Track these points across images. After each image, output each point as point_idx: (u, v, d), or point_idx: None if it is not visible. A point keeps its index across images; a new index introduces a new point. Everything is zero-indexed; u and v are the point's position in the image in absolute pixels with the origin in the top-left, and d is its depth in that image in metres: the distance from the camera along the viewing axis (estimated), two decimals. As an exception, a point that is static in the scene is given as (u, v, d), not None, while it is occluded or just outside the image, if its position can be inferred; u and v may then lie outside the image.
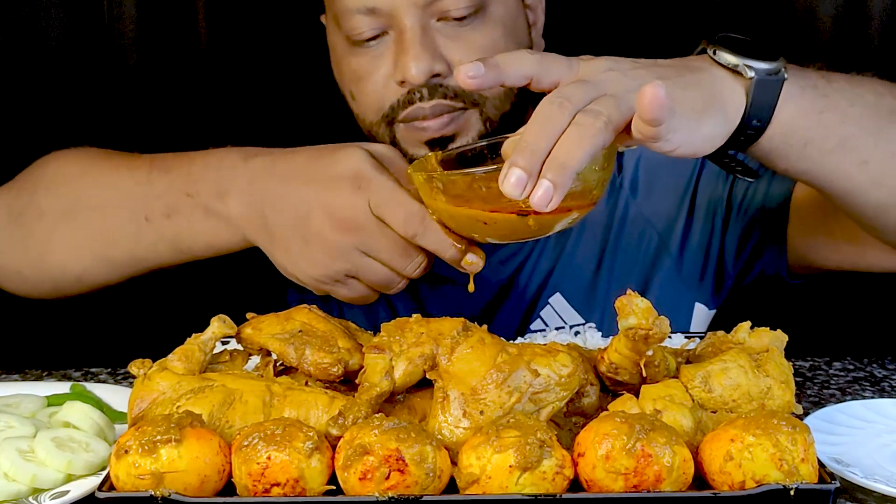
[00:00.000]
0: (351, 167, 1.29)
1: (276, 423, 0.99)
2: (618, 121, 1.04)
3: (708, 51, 1.16)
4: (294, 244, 1.31)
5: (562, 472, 0.96)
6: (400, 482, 0.95)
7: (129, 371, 1.09)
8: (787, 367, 1.09)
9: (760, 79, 1.14)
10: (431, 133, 1.43)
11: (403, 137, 1.45)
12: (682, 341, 1.27)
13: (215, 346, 1.12)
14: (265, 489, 0.96)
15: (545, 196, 0.99)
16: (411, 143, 1.45)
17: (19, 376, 1.41)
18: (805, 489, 0.95)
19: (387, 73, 1.42)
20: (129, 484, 0.96)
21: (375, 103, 1.45)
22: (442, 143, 1.43)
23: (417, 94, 1.41)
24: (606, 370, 1.09)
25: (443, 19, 1.40)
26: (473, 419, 1.02)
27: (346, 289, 1.32)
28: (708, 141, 1.13)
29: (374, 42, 1.42)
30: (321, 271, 1.31)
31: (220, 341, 1.14)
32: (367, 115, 1.47)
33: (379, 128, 1.46)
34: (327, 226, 1.28)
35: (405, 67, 1.38)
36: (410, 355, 1.06)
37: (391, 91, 1.42)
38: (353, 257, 1.29)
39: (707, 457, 0.99)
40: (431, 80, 1.40)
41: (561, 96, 1.04)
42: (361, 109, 1.47)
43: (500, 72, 1.09)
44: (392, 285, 1.31)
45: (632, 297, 1.04)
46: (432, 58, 1.39)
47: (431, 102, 1.41)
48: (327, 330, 1.12)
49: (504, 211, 1.08)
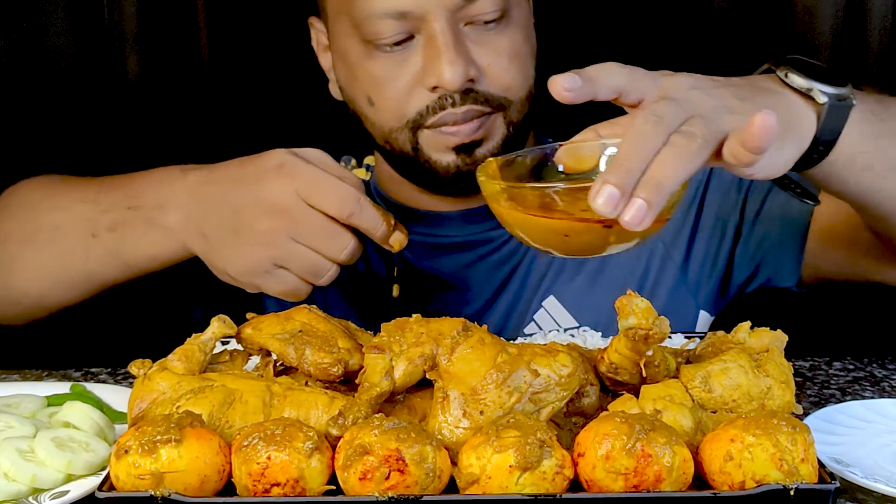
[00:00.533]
0: (276, 161, 1.30)
1: (276, 423, 0.99)
2: (711, 144, 1.03)
3: (778, 73, 1.15)
4: (226, 241, 1.31)
5: (562, 472, 0.96)
6: (400, 482, 0.95)
7: (129, 371, 1.09)
8: (787, 367, 1.10)
9: (832, 104, 1.14)
10: (461, 138, 1.43)
11: (429, 143, 1.44)
12: (682, 341, 1.27)
13: (215, 346, 1.12)
14: (265, 489, 0.96)
15: (638, 214, 0.98)
16: (437, 148, 1.44)
17: (19, 376, 1.41)
18: (805, 489, 0.95)
19: (414, 79, 1.41)
20: (129, 484, 0.96)
21: (398, 109, 1.44)
22: (468, 149, 1.44)
23: (449, 100, 1.41)
24: (606, 370, 1.09)
25: (470, 23, 1.40)
26: (473, 419, 1.02)
27: (275, 280, 1.30)
28: (785, 165, 1.13)
29: (399, 47, 1.41)
30: (250, 261, 1.30)
31: (220, 341, 1.14)
32: (386, 122, 1.46)
33: (400, 134, 1.45)
34: (256, 215, 1.29)
35: (439, 72, 1.38)
36: (410, 355, 1.06)
37: (418, 97, 1.42)
38: (281, 242, 1.28)
39: (707, 457, 0.99)
40: (465, 85, 1.39)
41: (655, 115, 1.02)
42: (381, 116, 1.46)
43: (595, 85, 1.07)
44: (321, 272, 1.29)
45: (632, 297, 1.04)
46: (466, 63, 1.39)
47: (464, 108, 1.41)
48: (327, 330, 1.12)
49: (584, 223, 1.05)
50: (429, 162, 1.46)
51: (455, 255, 1.57)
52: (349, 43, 1.45)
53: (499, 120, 1.45)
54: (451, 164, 1.45)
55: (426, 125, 1.43)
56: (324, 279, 1.30)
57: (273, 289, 1.31)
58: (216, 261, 1.34)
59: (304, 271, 1.29)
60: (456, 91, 1.39)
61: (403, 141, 1.46)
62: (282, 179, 1.29)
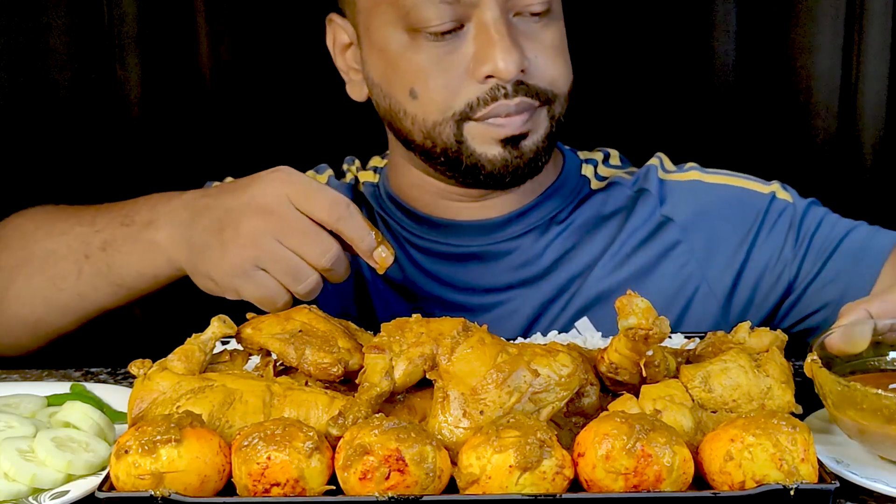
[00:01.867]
0: (270, 171, 1.29)
1: (276, 423, 0.99)
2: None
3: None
4: (210, 242, 1.29)
5: (562, 472, 0.96)
6: (400, 482, 0.95)
7: (129, 371, 1.09)
8: (787, 367, 1.10)
9: None
10: (510, 130, 1.41)
11: (475, 135, 1.42)
12: (682, 341, 1.27)
13: (215, 346, 1.12)
14: (265, 489, 0.96)
15: None
16: (484, 141, 1.42)
17: (19, 376, 1.41)
18: (805, 489, 0.95)
19: (464, 69, 1.39)
20: (129, 484, 0.96)
21: (445, 101, 1.41)
22: (515, 141, 1.42)
23: (502, 91, 1.39)
24: (606, 370, 1.09)
25: (518, 14, 1.39)
26: (473, 419, 1.02)
27: (255, 284, 1.26)
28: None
29: (447, 35, 1.39)
30: (231, 261, 1.26)
31: (220, 341, 1.14)
32: (430, 115, 1.42)
33: (444, 127, 1.42)
34: (243, 215, 1.27)
35: (494, 61, 1.36)
36: (410, 355, 1.06)
37: (468, 88, 1.40)
38: (264, 243, 1.25)
39: (707, 457, 0.99)
40: (517, 76, 1.38)
41: None
42: (424, 108, 1.43)
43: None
44: (301, 277, 1.25)
45: (632, 297, 1.04)
46: (519, 53, 1.37)
47: (516, 100, 1.39)
48: (327, 330, 1.12)
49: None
50: (474, 155, 1.43)
51: (470, 264, 1.55)
52: (390, 33, 1.42)
53: (544, 113, 1.43)
54: (498, 156, 1.43)
55: (474, 117, 1.41)
56: (303, 286, 1.25)
57: (252, 292, 1.27)
58: (199, 264, 1.31)
59: (284, 274, 1.25)
60: (510, 81, 1.38)
61: (448, 135, 1.43)
62: (273, 184, 1.27)
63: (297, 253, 1.25)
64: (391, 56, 1.43)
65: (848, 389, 1.06)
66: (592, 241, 1.55)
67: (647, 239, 1.55)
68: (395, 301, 1.56)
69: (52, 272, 1.44)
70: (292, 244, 1.25)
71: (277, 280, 1.25)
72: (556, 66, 1.44)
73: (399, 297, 1.56)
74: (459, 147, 1.43)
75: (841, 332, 1.13)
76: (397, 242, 1.57)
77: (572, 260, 1.54)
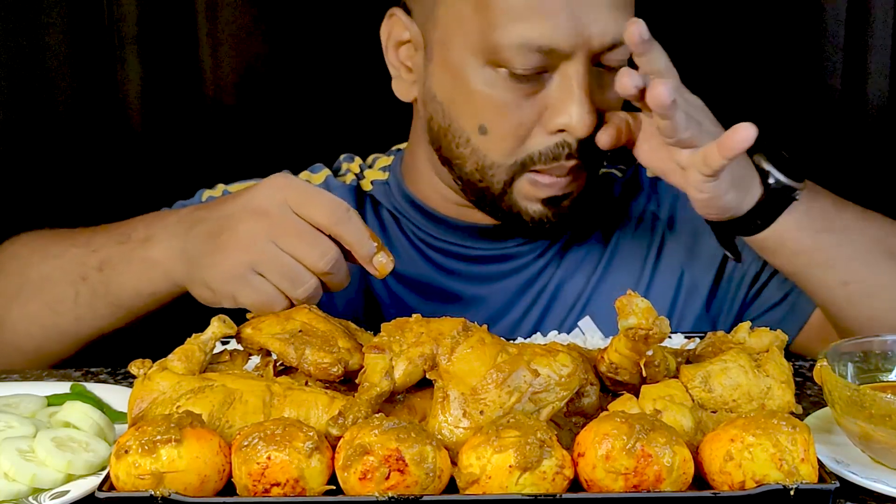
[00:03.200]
0: (270, 178, 1.27)
1: (276, 423, 0.99)
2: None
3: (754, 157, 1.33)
4: (207, 249, 1.26)
5: (562, 472, 0.96)
6: (400, 482, 0.95)
7: (129, 371, 1.09)
8: (787, 367, 1.10)
9: (777, 189, 1.32)
10: (554, 191, 1.41)
11: (522, 189, 1.41)
12: (682, 341, 1.27)
13: (215, 346, 1.12)
14: (265, 489, 0.96)
15: None
16: (527, 197, 1.42)
17: (19, 376, 1.41)
18: (805, 489, 0.95)
19: (537, 115, 1.37)
20: (129, 484, 0.96)
21: (514, 143, 1.38)
22: (556, 201, 1.42)
23: (565, 150, 1.37)
24: (606, 370, 1.09)
25: (599, 66, 1.37)
26: (473, 419, 1.02)
27: (251, 288, 1.22)
28: (721, 209, 1.31)
29: (531, 78, 1.35)
30: (228, 265, 1.23)
31: (220, 341, 1.14)
32: (493, 154, 1.40)
33: (501, 170, 1.40)
34: (240, 218, 1.24)
35: (570, 115, 1.34)
36: (410, 355, 1.06)
37: (538, 137, 1.38)
38: (261, 246, 1.21)
39: (707, 457, 0.99)
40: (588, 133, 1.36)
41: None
42: (490, 147, 1.40)
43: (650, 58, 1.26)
44: (299, 282, 1.21)
45: (632, 297, 1.04)
46: (595, 112, 1.35)
47: (574, 162, 1.39)
48: (327, 330, 1.12)
49: None
50: (516, 206, 1.42)
51: (486, 266, 1.55)
52: (469, 60, 1.38)
53: (583, 174, 1.43)
54: (538, 213, 1.43)
55: (534, 169, 1.39)
56: (301, 290, 1.21)
57: (248, 298, 1.22)
58: (195, 272, 1.27)
59: (282, 278, 1.21)
60: (581, 137, 1.35)
61: (500, 179, 1.41)
62: (271, 189, 1.24)
63: (295, 256, 1.21)
64: (465, 83, 1.39)
65: (857, 394, 1.06)
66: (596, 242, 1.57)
67: (649, 243, 1.57)
68: (407, 296, 1.55)
69: (48, 297, 1.42)
70: (290, 247, 1.21)
71: (275, 285, 1.21)
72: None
73: (411, 293, 1.55)
74: (504, 194, 1.42)
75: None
76: (410, 241, 1.57)
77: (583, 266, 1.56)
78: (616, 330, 1.06)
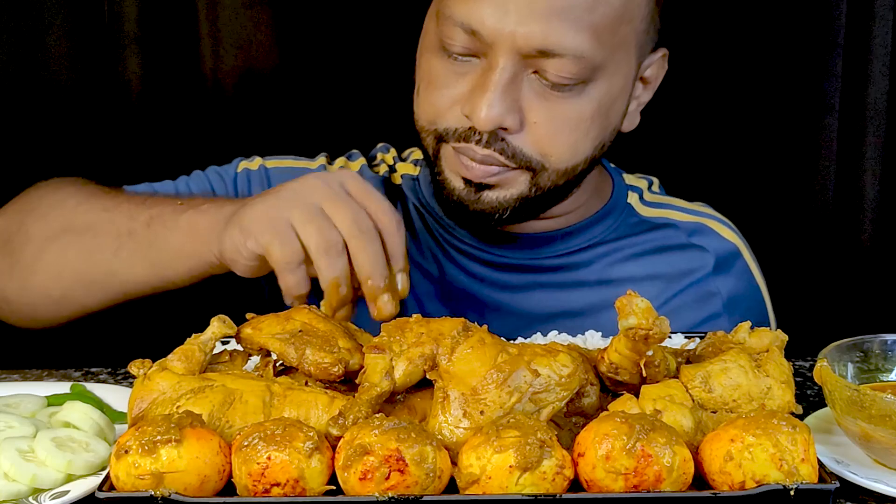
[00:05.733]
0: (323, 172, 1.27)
1: (276, 423, 0.99)
2: None
3: None
4: (257, 200, 1.26)
5: (562, 473, 0.96)
6: (400, 482, 0.95)
7: (129, 371, 1.09)
8: (787, 367, 1.09)
9: None
10: (472, 176, 1.39)
11: (447, 159, 1.41)
12: (682, 341, 1.27)
13: (215, 346, 1.12)
14: (265, 489, 0.96)
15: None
16: (451, 168, 1.41)
17: (19, 376, 1.41)
18: (805, 489, 0.95)
19: (458, 96, 1.37)
20: (129, 484, 0.96)
21: (433, 115, 1.40)
22: (478, 187, 1.40)
23: (476, 136, 1.36)
24: (606, 370, 1.09)
25: (539, 74, 1.34)
26: (473, 419, 1.02)
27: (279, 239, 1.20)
28: None
29: (463, 59, 1.36)
30: (269, 207, 1.22)
31: (220, 341, 1.14)
32: (420, 119, 1.43)
33: (428, 136, 1.42)
34: (296, 182, 1.25)
35: (476, 107, 1.33)
36: (410, 355, 1.06)
37: (453, 115, 1.38)
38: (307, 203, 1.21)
39: (707, 457, 0.99)
40: (496, 130, 1.34)
41: None
42: (419, 110, 1.43)
43: None
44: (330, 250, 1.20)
45: (632, 297, 1.04)
46: (507, 109, 1.33)
47: (485, 151, 1.36)
48: (327, 330, 1.12)
49: None
50: (443, 174, 1.42)
51: (511, 274, 1.54)
52: (430, 25, 1.42)
53: (522, 177, 1.39)
54: (459, 190, 1.41)
55: (448, 143, 1.39)
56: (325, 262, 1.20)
57: (273, 247, 1.20)
58: (236, 217, 1.25)
59: (313, 241, 1.20)
60: (484, 132, 1.34)
61: (428, 143, 1.43)
62: (334, 173, 1.26)
63: (334, 221, 1.20)
64: (422, 48, 1.43)
65: (857, 394, 1.06)
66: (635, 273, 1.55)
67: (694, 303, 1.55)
68: (429, 296, 1.54)
69: (86, 246, 1.41)
70: (332, 210, 1.21)
71: (303, 243, 1.20)
72: (556, 141, 1.37)
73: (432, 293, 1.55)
74: (436, 161, 1.43)
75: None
76: (436, 241, 1.56)
77: (611, 286, 1.53)
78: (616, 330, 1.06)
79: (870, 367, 1.20)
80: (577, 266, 1.55)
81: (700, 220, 1.59)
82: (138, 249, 1.38)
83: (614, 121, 1.43)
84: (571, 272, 1.55)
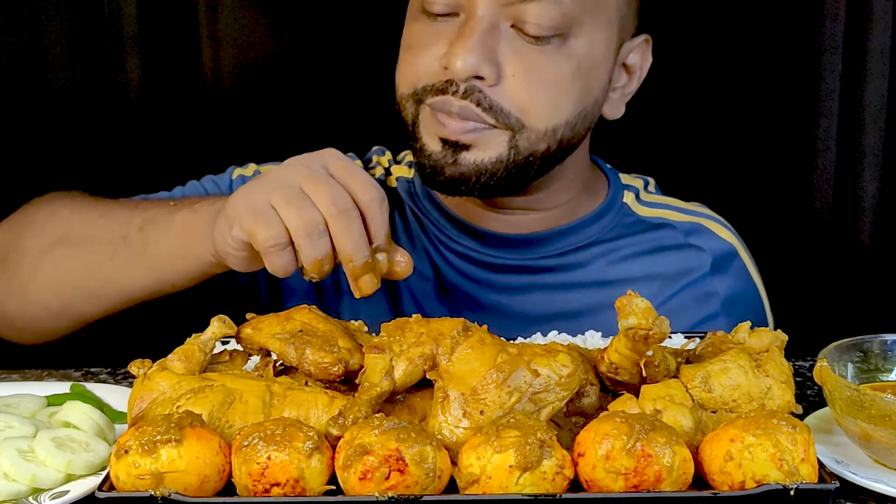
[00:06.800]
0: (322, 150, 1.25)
1: (276, 423, 0.99)
2: None
3: None
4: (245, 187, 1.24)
5: (562, 472, 0.96)
6: (400, 482, 0.95)
7: (129, 371, 1.09)
8: (787, 367, 1.10)
9: None
10: (449, 133, 1.38)
11: (425, 122, 1.41)
12: (682, 341, 1.27)
13: (215, 346, 1.12)
14: (265, 489, 0.96)
15: None
16: (429, 131, 1.40)
17: (19, 376, 1.41)
18: (805, 489, 0.95)
19: (437, 53, 1.38)
20: (129, 484, 0.96)
21: (412, 76, 1.41)
22: (454, 147, 1.38)
23: (453, 87, 1.36)
24: (606, 370, 1.09)
25: (517, 28, 1.35)
26: (473, 419, 1.02)
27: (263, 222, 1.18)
28: None
29: (443, 18, 1.38)
30: (253, 193, 1.20)
31: (220, 341, 1.14)
32: (401, 86, 1.44)
33: (407, 102, 1.42)
34: (280, 167, 1.23)
35: (453, 55, 1.34)
36: (410, 355, 1.06)
37: (431, 71, 1.38)
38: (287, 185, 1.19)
39: (707, 457, 0.99)
40: (473, 81, 1.35)
41: None
42: (399, 78, 1.44)
43: None
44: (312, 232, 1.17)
45: (632, 297, 1.04)
46: (483, 58, 1.34)
47: (462, 102, 1.36)
48: (327, 330, 1.12)
49: None
50: (421, 141, 1.41)
51: (508, 276, 1.54)
52: (413, 3, 1.44)
53: (501, 138, 1.38)
54: (436, 153, 1.40)
55: (427, 102, 1.39)
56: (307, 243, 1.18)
57: (260, 235, 1.18)
58: (223, 209, 1.24)
59: (293, 222, 1.18)
60: (461, 80, 1.35)
61: (409, 112, 1.42)
62: (318, 154, 1.24)
63: (316, 202, 1.18)
64: (407, 19, 1.44)
65: (857, 394, 1.06)
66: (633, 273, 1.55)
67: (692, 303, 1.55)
68: (426, 298, 1.54)
69: (83, 256, 1.40)
70: (312, 191, 1.19)
71: (285, 224, 1.18)
72: (534, 96, 1.38)
73: (430, 295, 1.55)
74: (415, 129, 1.42)
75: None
76: (432, 243, 1.56)
77: (608, 287, 1.54)
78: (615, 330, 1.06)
79: (870, 367, 1.20)
80: (574, 266, 1.55)
81: (697, 220, 1.59)
82: (133, 254, 1.37)
83: (596, 91, 1.43)
84: (569, 273, 1.55)
